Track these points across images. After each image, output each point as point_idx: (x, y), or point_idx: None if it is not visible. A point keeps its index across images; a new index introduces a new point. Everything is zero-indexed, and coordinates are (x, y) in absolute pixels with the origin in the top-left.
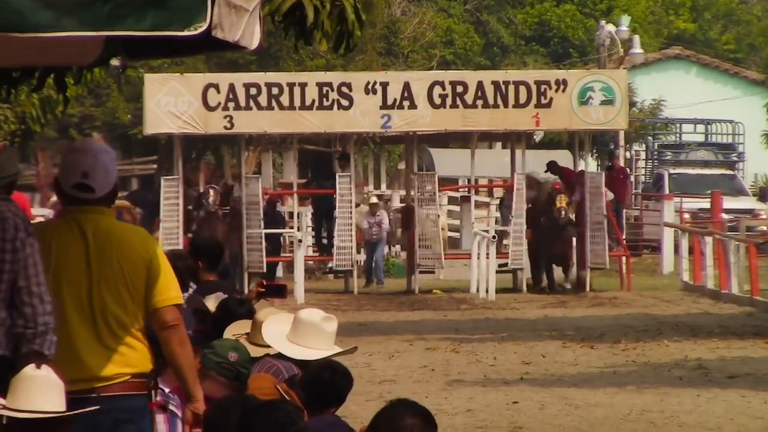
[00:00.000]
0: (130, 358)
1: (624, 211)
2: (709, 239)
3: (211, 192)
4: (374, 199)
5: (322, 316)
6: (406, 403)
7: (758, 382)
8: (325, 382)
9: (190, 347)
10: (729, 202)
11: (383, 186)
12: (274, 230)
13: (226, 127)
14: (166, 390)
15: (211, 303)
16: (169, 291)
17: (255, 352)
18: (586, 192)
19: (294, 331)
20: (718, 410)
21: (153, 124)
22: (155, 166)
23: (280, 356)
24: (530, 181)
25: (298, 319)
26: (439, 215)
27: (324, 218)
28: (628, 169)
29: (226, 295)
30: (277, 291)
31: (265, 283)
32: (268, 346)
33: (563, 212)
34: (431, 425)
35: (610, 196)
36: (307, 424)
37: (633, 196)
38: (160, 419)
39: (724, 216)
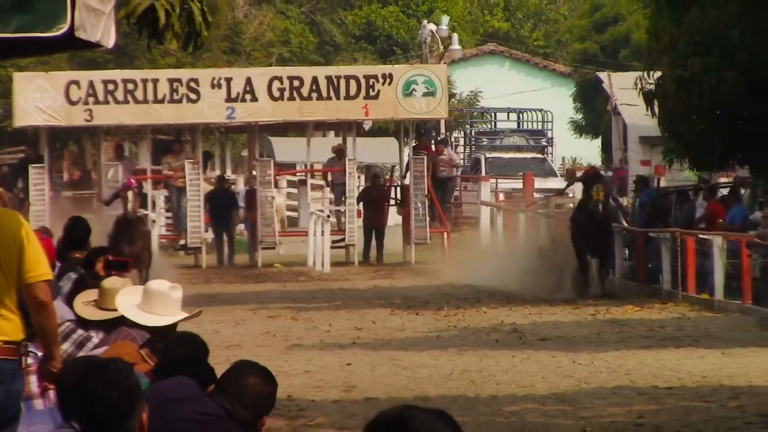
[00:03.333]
0: (3, 328)
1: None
2: (522, 216)
3: (130, 195)
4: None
5: (169, 286)
6: (248, 364)
7: (567, 343)
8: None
9: (55, 319)
10: (539, 183)
11: (228, 171)
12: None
13: (86, 120)
14: (39, 354)
15: (65, 283)
16: (39, 268)
17: (104, 315)
18: (411, 175)
19: (144, 301)
20: (531, 369)
21: (21, 117)
22: (23, 155)
23: (133, 324)
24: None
25: (148, 289)
26: (274, 197)
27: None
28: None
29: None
30: (121, 265)
31: (111, 258)
32: (115, 310)
33: (599, 205)
34: (272, 384)
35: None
36: (158, 384)
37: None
38: (33, 379)
39: (536, 195)
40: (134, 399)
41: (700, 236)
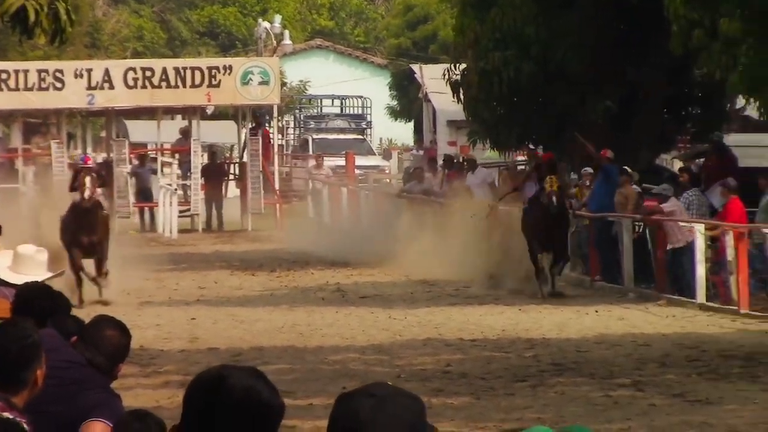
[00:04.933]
0: None
1: (272, 167)
2: (344, 189)
3: (88, 181)
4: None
5: (36, 249)
6: (106, 318)
7: (384, 301)
8: (46, 307)
9: None
10: (360, 161)
11: (89, 150)
12: (8, 185)
13: None
14: None
15: None
16: None
17: None
18: (247, 153)
19: (14, 263)
20: (352, 323)
21: None
22: None
23: (5, 283)
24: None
25: (17, 253)
26: (129, 173)
27: None
28: (271, 135)
29: None
30: None
31: None
32: None
33: (554, 198)
34: (126, 335)
35: None
36: None
37: (283, 157)
38: None
39: (357, 171)
40: (32, 355)
41: None
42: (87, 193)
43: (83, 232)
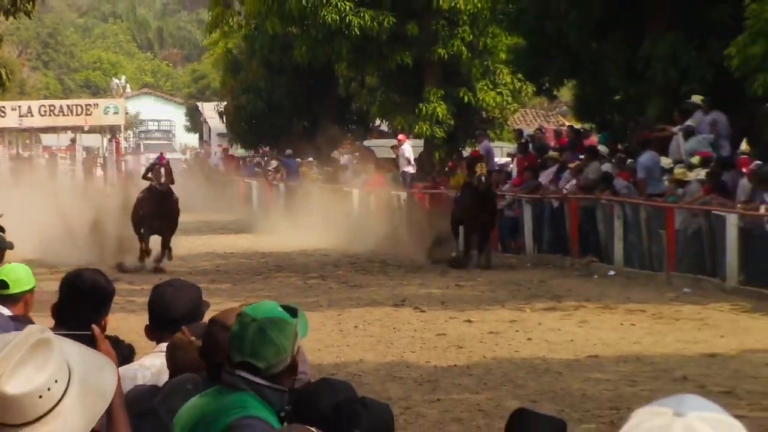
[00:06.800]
0: None
1: (121, 159)
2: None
3: (163, 171)
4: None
5: None
6: None
7: (183, 232)
8: None
9: None
10: (168, 155)
11: (21, 150)
12: None
13: None
14: None
15: None
16: None
17: None
18: (108, 152)
19: None
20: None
21: None
22: None
23: None
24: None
25: None
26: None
27: None
28: (120, 141)
29: None
30: None
31: None
32: None
33: (483, 178)
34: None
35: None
36: None
37: (126, 153)
38: None
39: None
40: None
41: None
42: (163, 179)
43: (156, 213)
